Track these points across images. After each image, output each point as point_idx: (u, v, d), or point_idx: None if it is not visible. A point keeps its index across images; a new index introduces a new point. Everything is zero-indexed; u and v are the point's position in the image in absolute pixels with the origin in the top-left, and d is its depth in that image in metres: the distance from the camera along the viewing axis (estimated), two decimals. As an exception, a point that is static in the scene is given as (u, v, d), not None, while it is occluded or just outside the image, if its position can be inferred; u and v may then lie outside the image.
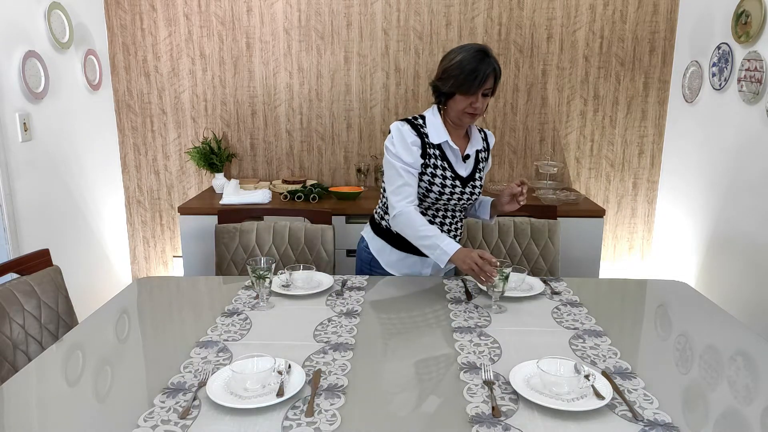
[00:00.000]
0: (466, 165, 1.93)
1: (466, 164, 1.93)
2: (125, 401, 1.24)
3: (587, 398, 1.20)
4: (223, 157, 3.26)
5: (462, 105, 1.82)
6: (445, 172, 1.88)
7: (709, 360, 1.44)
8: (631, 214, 3.43)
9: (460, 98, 1.82)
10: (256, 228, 2.31)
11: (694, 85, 3.00)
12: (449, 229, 1.99)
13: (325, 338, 1.52)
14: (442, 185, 1.88)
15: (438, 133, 1.87)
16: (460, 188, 1.91)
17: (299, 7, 3.21)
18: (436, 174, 1.87)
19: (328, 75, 3.30)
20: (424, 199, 1.90)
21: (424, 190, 1.89)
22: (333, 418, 1.16)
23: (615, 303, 1.84)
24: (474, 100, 1.80)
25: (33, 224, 2.64)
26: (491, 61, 1.79)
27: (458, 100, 1.82)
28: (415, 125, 1.87)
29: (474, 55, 1.79)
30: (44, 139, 2.72)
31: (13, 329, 1.60)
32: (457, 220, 2.01)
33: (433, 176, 1.87)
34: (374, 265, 2.03)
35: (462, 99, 1.81)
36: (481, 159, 1.98)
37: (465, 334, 1.54)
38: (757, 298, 2.54)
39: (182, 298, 1.89)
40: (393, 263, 2.01)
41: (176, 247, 3.52)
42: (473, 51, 1.79)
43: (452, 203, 1.93)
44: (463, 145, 1.94)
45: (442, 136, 1.87)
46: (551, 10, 3.18)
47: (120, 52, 3.30)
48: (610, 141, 3.34)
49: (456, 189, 1.90)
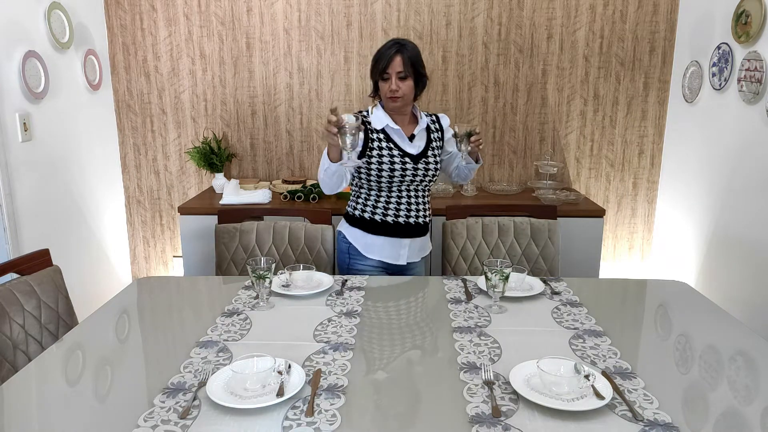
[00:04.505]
0: (415, 144, 2.09)
1: (413, 143, 2.08)
2: (125, 401, 1.24)
3: (587, 398, 1.20)
4: (223, 157, 3.26)
5: (383, 90, 2.02)
6: (392, 151, 2.04)
7: (709, 360, 1.45)
8: (631, 214, 3.43)
9: (381, 84, 2.03)
10: (256, 228, 2.31)
11: (694, 85, 3.00)
12: (417, 208, 2.12)
13: (325, 338, 1.52)
14: (390, 163, 2.02)
15: (379, 120, 2.06)
16: (411, 164, 2.05)
17: (299, 7, 3.21)
18: (382, 154, 2.03)
19: (328, 75, 3.30)
20: (380, 179, 2.04)
21: (376, 172, 2.04)
22: (333, 418, 1.16)
23: (615, 303, 1.84)
24: (389, 84, 1.99)
25: (33, 224, 2.64)
26: (397, 46, 1.98)
27: (381, 87, 2.04)
28: (358, 116, 2.01)
29: (384, 45, 2.02)
30: (44, 139, 2.72)
31: (13, 329, 1.60)
32: (421, 201, 2.14)
33: (380, 156, 2.02)
34: (353, 252, 2.15)
35: (381, 84, 2.03)
36: (434, 138, 2.13)
37: (465, 334, 1.54)
38: (757, 298, 2.54)
39: (182, 298, 1.89)
40: (368, 246, 2.13)
41: (176, 247, 3.52)
42: (387, 42, 2.03)
43: (408, 179, 2.06)
44: (409, 129, 2.10)
45: (383, 122, 2.05)
46: (551, 10, 3.18)
47: (120, 52, 3.30)
48: (610, 141, 3.34)
49: (407, 165, 2.04)
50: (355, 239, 2.13)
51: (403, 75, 1.98)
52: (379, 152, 2.03)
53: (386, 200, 2.08)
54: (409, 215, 2.10)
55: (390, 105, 2.04)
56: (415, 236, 2.14)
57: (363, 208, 2.12)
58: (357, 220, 2.14)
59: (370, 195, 2.11)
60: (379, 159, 2.02)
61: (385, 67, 1.98)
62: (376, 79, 2.03)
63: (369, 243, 2.12)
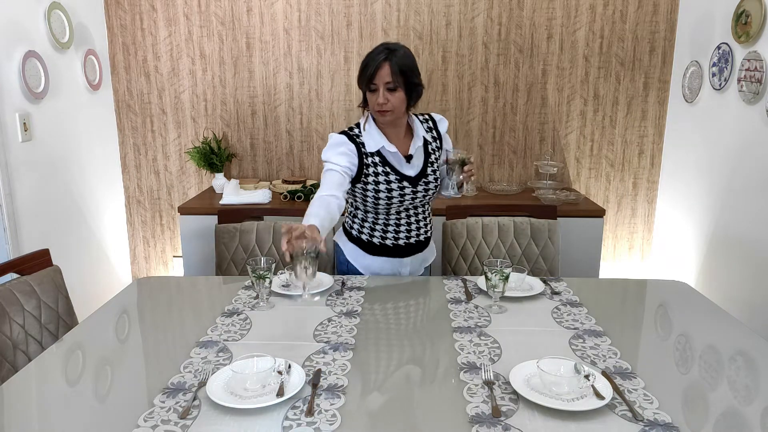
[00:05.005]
0: (413, 164, 1.89)
1: (411, 164, 1.89)
2: (125, 401, 1.24)
3: (587, 398, 1.20)
4: (223, 157, 3.26)
5: (371, 102, 1.79)
6: (389, 176, 1.86)
7: (709, 360, 1.44)
8: (631, 214, 3.43)
9: (369, 96, 1.80)
10: (256, 228, 2.31)
11: (694, 85, 3.00)
12: (417, 227, 1.99)
13: (325, 338, 1.52)
14: (388, 190, 1.86)
15: (374, 140, 1.85)
16: (410, 188, 1.88)
17: (299, 7, 3.21)
18: (379, 181, 1.85)
19: (328, 75, 3.30)
20: (377, 205, 1.90)
21: (373, 198, 1.88)
22: (333, 418, 1.16)
23: (615, 303, 1.84)
24: (377, 96, 1.76)
25: (33, 224, 2.64)
26: (386, 53, 1.74)
27: (369, 98, 1.80)
28: (351, 136, 1.86)
29: (372, 51, 1.77)
30: (44, 139, 2.72)
31: (13, 329, 1.60)
32: (421, 218, 2.00)
33: (376, 183, 1.85)
34: (351, 269, 2.04)
35: (369, 96, 1.79)
36: (431, 150, 1.93)
37: (465, 334, 1.54)
38: (757, 298, 2.54)
39: (182, 298, 1.89)
40: (368, 267, 2.02)
41: (176, 247, 3.52)
42: (376, 47, 1.78)
43: (407, 202, 1.92)
44: (405, 144, 1.90)
45: (378, 142, 1.84)
46: (551, 10, 3.18)
47: (120, 52, 3.30)
48: (610, 141, 3.34)
49: (406, 190, 1.88)
50: (354, 259, 2.02)
51: (392, 86, 1.75)
52: (375, 178, 1.85)
53: (384, 223, 1.95)
54: (410, 236, 1.98)
55: (379, 119, 1.84)
56: (417, 253, 2.03)
57: (360, 229, 1.99)
58: (355, 239, 2.01)
59: (366, 217, 1.97)
60: (375, 186, 1.86)
61: (372, 77, 1.75)
62: (363, 89, 1.81)
63: (368, 264, 2.01)
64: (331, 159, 1.82)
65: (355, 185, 1.88)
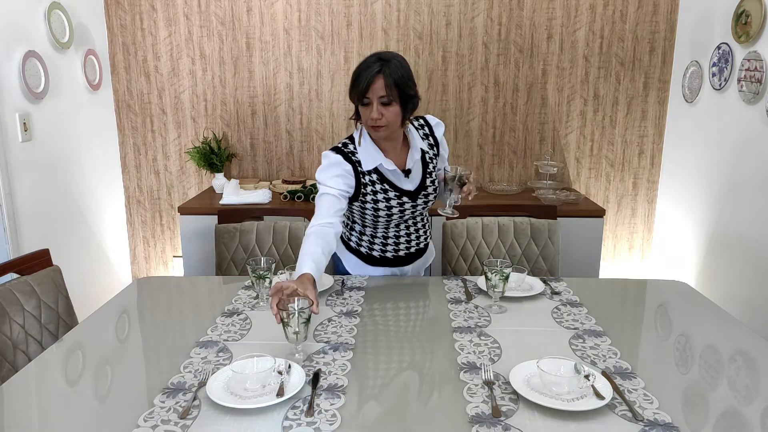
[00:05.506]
0: (411, 178, 1.84)
1: (410, 178, 1.84)
2: (125, 401, 1.24)
3: (587, 398, 1.20)
4: (223, 157, 3.26)
5: (364, 117, 1.71)
6: (388, 193, 1.80)
7: (709, 360, 1.44)
8: (631, 214, 3.43)
9: (362, 110, 1.72)
10: (256, 228, 2.31)
11: (694, 85, 3.00)
12: (417, 236, 1.98)
13: (325, 338, 1.52)
14: (388, 207, 1.81)
15: (371, 157, 1.77)
16: (410, 203, 1.84)
17: (299, 7, 3.21)
18: (377, 199, 1.80)
19: (328, 75, 3.30)
20: (376, 221, 1.86)
21: (372, 215, 1.84)
22: (333, 418, 1.16)
23: (615, 303, 1.84)
24: (370, 110, 1.68)
25: (33, 224, 2.64)
26: (379, 64, 1.65)
27: (362, 112, 1.72)
28: (346, 154, 1.78)
29: (364, 62, 1.69)
30: (44, 139, 2.72)
31: (13, 329, 1.60)
32: (420, 227, 1.98)
33: (375, 201, 1.81)
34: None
35: (362, 110, 1.71)
36: (429, 159, 1.88)
37: (465, 334, 1.54)
38: (757, 298, 2.54)
39: (182, 298, 1.89)
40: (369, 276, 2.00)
41: (176, 247, 3.52)
42: (368, 58, 1.69)
43: (407, 216, 1.89)
44: (402, 157, 1.83)
45: (375, 159, 1.77)
46: (551, 10, 3.18)
47: (120, 52, 3.30)
48: (610, 141, 3.34)
49: (406, 205, 1.84)
50: (354, 269, 2.00)
51: (386, 100, 1.66)
52: (373, 196, 1.80)
53: (384, 236, 1.93)
54: (410, 246, 1.97)
55: (372, 134, 1.77)
56: (417, 259, 2.02)
57: (359, 241, 1.96)
58: (354, 250, 1.99)
59: (365, 231, 1.93)
60: (374, 204, 1.81)
61: (365, 91, 1.66)
62: (356, 103, 1.72)
63: (369, 273, 1.99)
64: (327, 182, 1.76)
65: (353, 203, 1.83)
